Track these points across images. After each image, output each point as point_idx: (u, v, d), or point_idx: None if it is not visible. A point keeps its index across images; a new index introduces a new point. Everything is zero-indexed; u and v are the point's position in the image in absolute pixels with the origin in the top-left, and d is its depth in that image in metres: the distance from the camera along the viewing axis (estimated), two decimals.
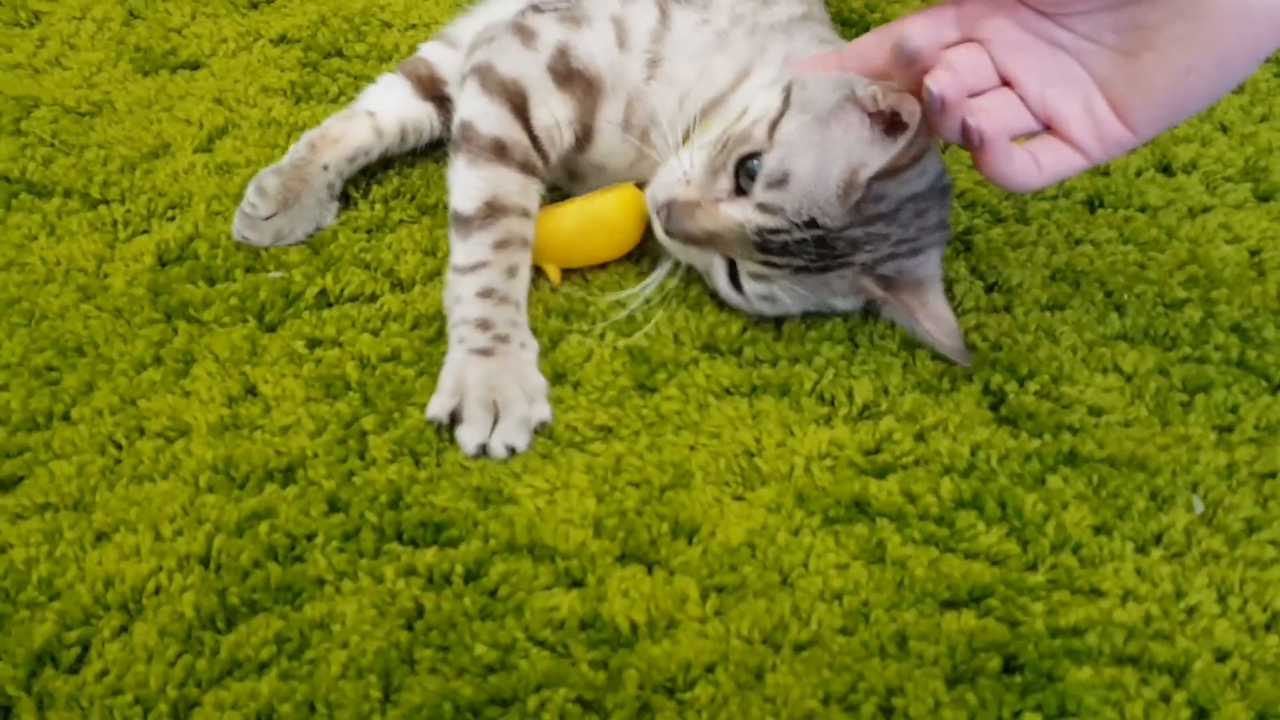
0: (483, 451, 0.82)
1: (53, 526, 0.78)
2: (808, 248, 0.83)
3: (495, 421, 0.82)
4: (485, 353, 0.85)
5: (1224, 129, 1.09)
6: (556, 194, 0.98)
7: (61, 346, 0.89)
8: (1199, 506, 0.81)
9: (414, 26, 1.18)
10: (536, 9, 0.98)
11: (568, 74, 0.93)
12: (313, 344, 0.90)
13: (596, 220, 0.93)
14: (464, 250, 0.89)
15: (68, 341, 0.89)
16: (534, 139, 0.93)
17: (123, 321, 0.91)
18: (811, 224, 0.83)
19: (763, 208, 0.84)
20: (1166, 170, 1.05)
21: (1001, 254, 0.97)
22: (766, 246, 0.84)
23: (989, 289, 0.95)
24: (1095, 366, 0.89)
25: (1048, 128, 0.78)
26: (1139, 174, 1.04)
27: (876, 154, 0.81)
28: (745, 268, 0.87)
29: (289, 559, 0.77)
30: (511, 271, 0.88)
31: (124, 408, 0.85)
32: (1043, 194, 1.03)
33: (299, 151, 0.96)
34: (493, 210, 0.89)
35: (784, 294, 0.87)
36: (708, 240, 0.87)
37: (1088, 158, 0.77)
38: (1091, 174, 1.05)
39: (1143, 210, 1.01)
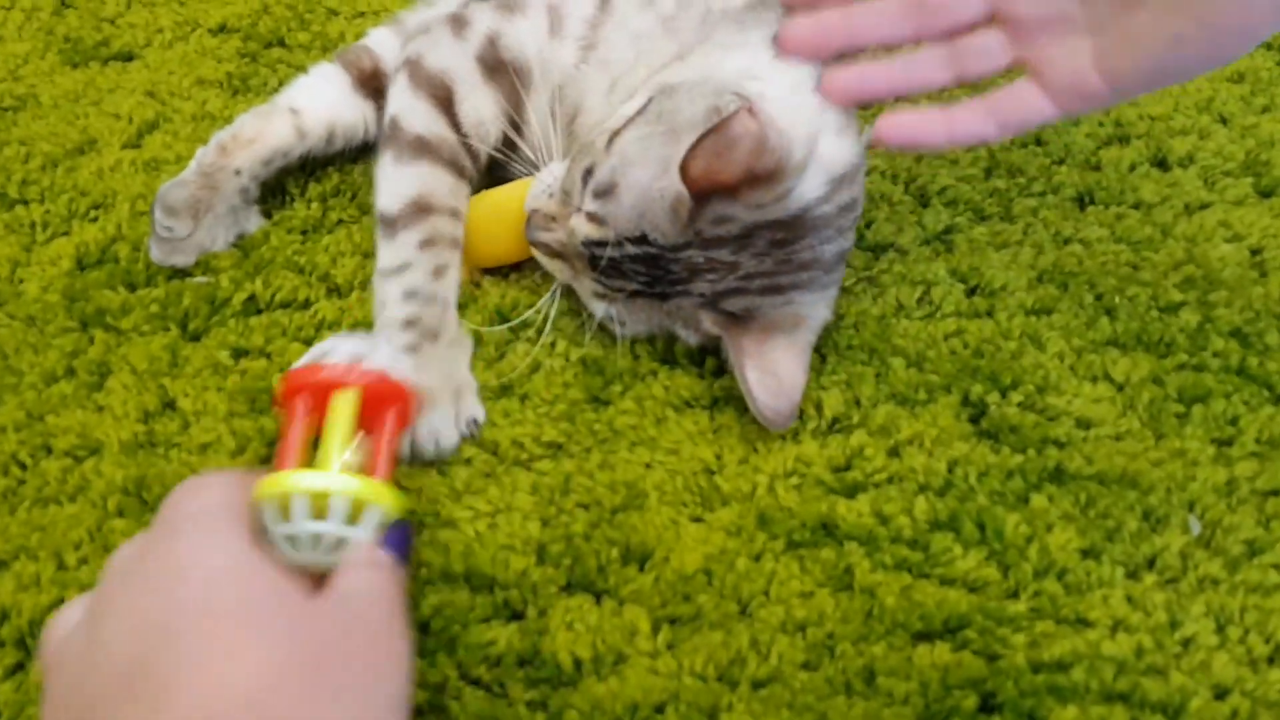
0: (411, 456, 0.76)
1: None
2: (640, 268, 0.76)
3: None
4: (412, 349, 0.79)
5: (1223, 120, 1.02)
6: None
7: None
8: (1195, 527, 0.75)
9: (362, 14, 1.11)
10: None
11: (496, 64, 0.87)
12: (238, 354, 0.83)
13: (498, 211, 0.86)
14: (389, 252, 0.82)
15: None
16: (462, 137, 0.86)
17: (35, 330, 0.85)
18: (642, 239, 0.75)
19: (591, 217, 0.77)
20: (1162, 165, 0.99)
21: (984, 254, 0.90)
22: (596, 262, 0.78)
23: (970, 292, 0.88)
24: (1084, 375, 0.83)
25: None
26: (1132, 168, 0.98)
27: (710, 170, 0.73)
28: (588, 286, 0.81)
29: None
30: (439, 272, 0.82)
31: (30, 424, 0.79)
32: (1029, 190, 0.96)
33: (207, 156, 0.88)
34: (419, 209, 0.83)
35: (628, 317, 0.81)
36: (559, 254, 0.81)
37: (1056, 108, 0.71)
38: (1082, 168, 0.98)
39: (1136, 207, 0.95)
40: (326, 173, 0.96)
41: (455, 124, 0.86)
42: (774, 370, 0.78)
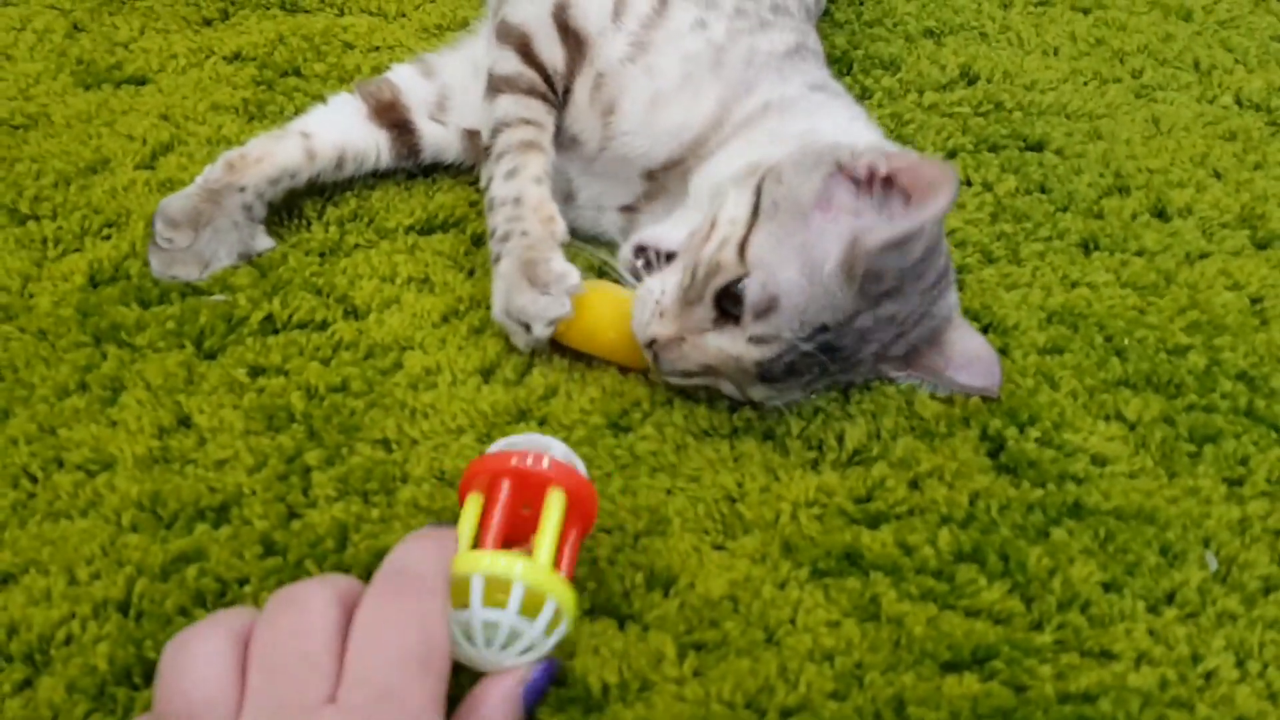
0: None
1: None
2: (815, 359, 0.76)
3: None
4: (497, 260, 0.85)
5: (1218, 175, 1.05)
6: None
7: None
8: (1213, 563, 0.76)
9: (377, 49, 1.12)
10: None
11: (565, 26, 0.91)
12: (255, 372, 0.82)
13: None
14: (484, 175, 0.90)
15: None
16: (544, 74, 0.92)
17: (47, 344, 0.83)
18: (818, 331, 0.75)
19: (757, 340, 0.75)
20: (1161, 215, 1.01)
21: (995, 295, 0.92)
22: (769, 375, 0.77)
23: (984, 330, 0.89)
24: (1097, 414, 0.84)
25: None
26: (1134, 217, 1.00)
27: (881, 222, 0.75)
28: (751, 391, 0.79)
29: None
30: (511, 174, 0.87)
31: (42, 437, 0.77)
32: (1035, 235, 0.98)
33: (214, 172, 0.88)
34: (496, 131, 0.90)
35: (795, 395, 0.81)
36: (705, 372, 0.79)
37: None
38: (1085, 216, 1.00)
39: (1139, 254, 0.97)
40: (345, 198, 0.96)
41: (534, 64, 0.92)
42: (967, 358, 0.82)
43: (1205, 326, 0.90)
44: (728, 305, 0.76)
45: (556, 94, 0.92)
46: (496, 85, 0.92)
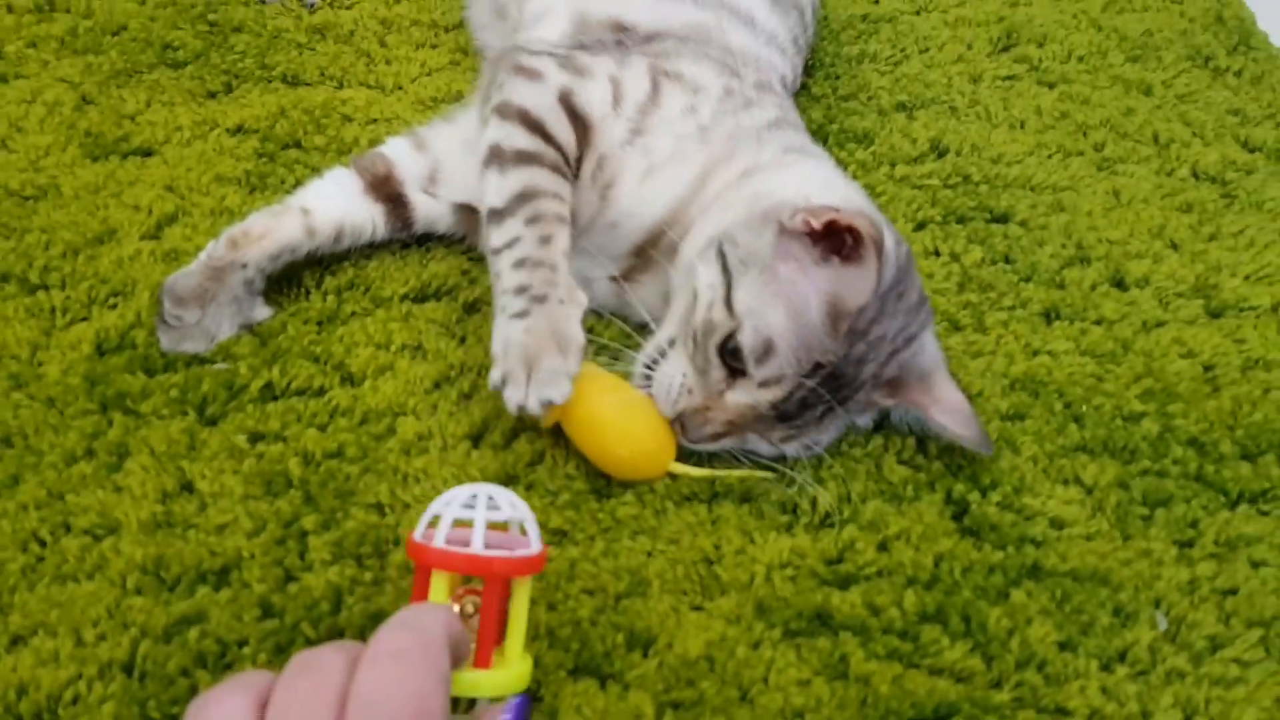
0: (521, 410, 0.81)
1: None
2: (822, 392, 0.81)
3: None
4: (522, 314, 0.84)
5: (1174, 246, 1.11)
6: None
7: None
8: (1162, 623, 0.80)
9: (375, 121, 1.17)
10: (530, 53, 0.99)
11: (572, 113, 0.94)
12: (255, 438, 0.86)
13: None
14: (498, 234, 0.88)
15: None
16: (559, 149, 0.93)
17: (55, 412, 0.87)
18: (818, 368, 0.81)
19: (765, 383, 0.82)
20: (1120, 285, 1.06)
21: (962, 362, 0.97)
22: (785, 415, 0.83)
23: None
24: (1056, 478, 0.89)
25: None
26: (1094, 287, 1.05)
27: (847, 280, 0.81)
28: (776, 436, 0.85)
29: (219, 667, 0.72)
30: (545, 240, 0.87)
31: (51, 502, 0.81)
32: (999, 304, 1.03)
33: (217, 250, 0.93)
34: (524, 198, 0.89)
35: (819, 437, 0.86)
36: (729, 430, 0.84)
37: None
38: (1048, 286, 1.05)
39: (1098, 323, 1.02)
40: (342, 268, 1.00)
41: (553, 143, 0.93)
42: (950, 406, 0.86)
43: (1159, 394, 0.95)
44: (731, 360, 0.82)
45: (573, 171, 0.95)
46: (514, 157, 0.91)
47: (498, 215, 0.89)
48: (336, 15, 1.33)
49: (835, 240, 0.82)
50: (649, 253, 0.94)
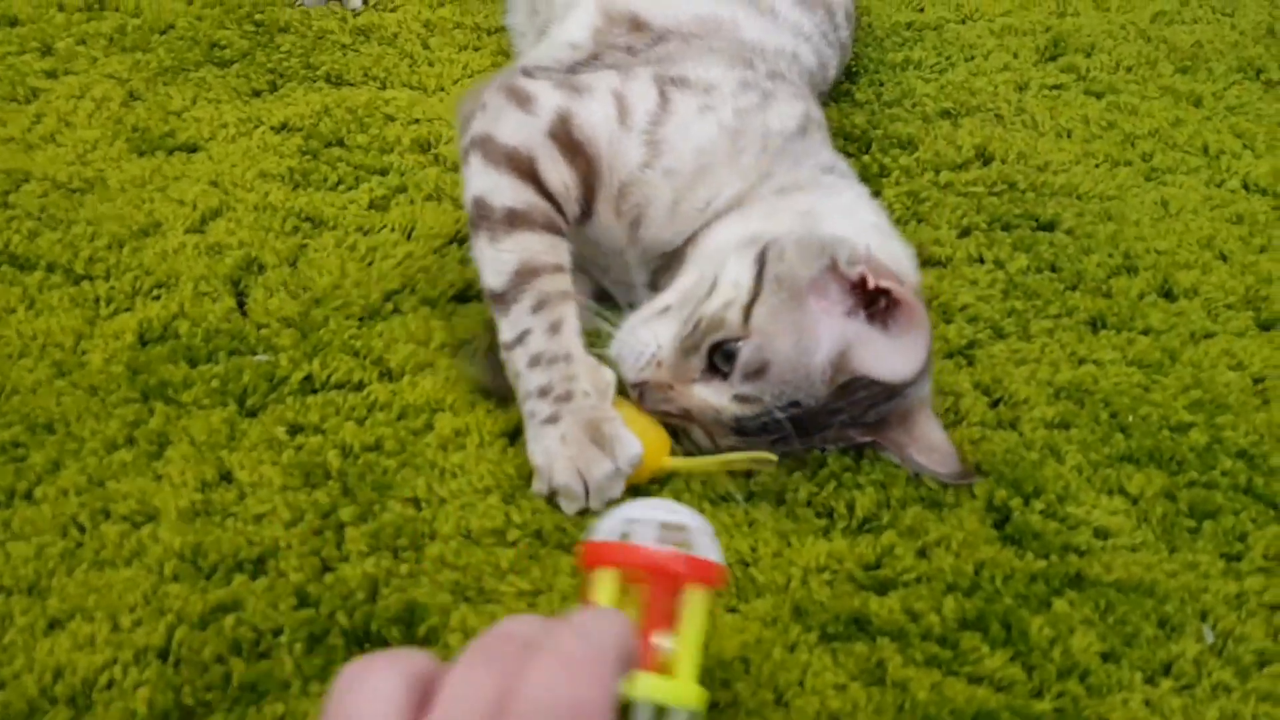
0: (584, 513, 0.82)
1: (3, 611, 0.73)
2: (786, 426, 0.81)
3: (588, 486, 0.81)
4: (553, 420, 0.82)
5: (1224, 258, 1.09)
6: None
7: (31, 423, 0.85)
8: (1209, 636, 0.78)
9: (417, 121, 1.18)
10: (526, 73, 0.95)
11: (570, 145, 0.88)
12: (294, 430, 0.87)
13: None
14: (507, 325, 0.85)
15: (38, 418, 0.85)
16: (551, 199, 0.88)
17: (97, 400, 0.88)
18: (793, 405, 0.80)
19: (741, 399, 0.81)
20: (1168, 295, 1.05)
21: (1006, 369, 0.95)
22: (744, 429, 0.82)
23: (994, 404, 0.93)
24: (1101, 488, 0.87)
25: None
26: (1141, 297, 1.04)
27: (876, 349, 0.81)
28: (722, 442, 0.84)
29: (253, 655, 0.72)
30: (555, 328, 0.84)
31: (91, 489, 0.81)
32: (1045, 312, 1.02)
33: None
34: (524, 276, 0.85)
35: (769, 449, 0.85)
36: (683, 416, 0.84)
37: None
38: (1094, 295, 1.04)
39: (1145, 333, 1.00)
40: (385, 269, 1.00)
41: (542, 189, 0.88)
42: (930, 445, 0.85)
43: (1207, 405, 0.93)
44: (718, 360, 0.81)
45: (566, 217, 0.89)
46: (503, 219, 0.86)
47: (500, 300, 0.85)
48: (381, 17, 1.34)
49: (869, 295, 0.81)
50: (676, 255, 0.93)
